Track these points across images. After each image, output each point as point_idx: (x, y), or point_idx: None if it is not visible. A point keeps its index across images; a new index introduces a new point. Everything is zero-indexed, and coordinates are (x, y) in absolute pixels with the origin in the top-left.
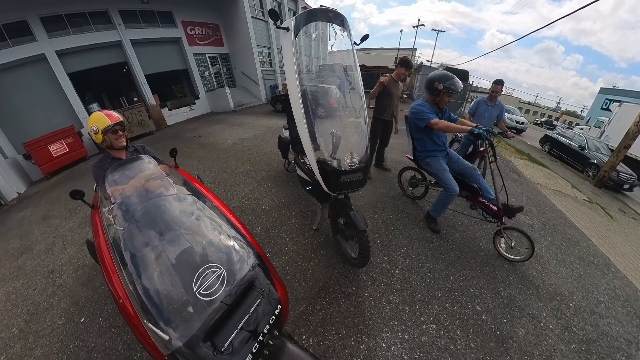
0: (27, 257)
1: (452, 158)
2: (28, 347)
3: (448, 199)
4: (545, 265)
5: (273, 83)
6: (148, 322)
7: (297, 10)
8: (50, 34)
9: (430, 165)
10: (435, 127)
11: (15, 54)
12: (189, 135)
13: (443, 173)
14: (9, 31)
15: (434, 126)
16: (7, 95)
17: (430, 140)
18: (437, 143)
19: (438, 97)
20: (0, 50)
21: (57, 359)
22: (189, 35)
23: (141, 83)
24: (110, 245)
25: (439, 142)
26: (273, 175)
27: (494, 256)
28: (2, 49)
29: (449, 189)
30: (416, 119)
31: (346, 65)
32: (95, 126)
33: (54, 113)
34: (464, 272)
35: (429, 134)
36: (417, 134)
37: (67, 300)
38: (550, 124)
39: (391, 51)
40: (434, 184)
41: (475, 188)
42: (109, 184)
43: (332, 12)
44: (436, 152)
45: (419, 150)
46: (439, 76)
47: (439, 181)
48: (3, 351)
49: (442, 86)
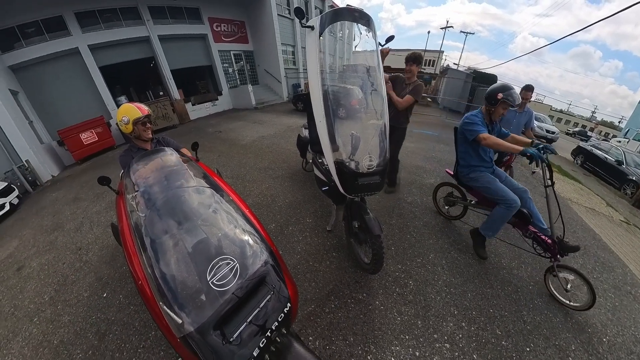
0: (59, 234)
1: (499, 176)
2: (57, 313)
3: (507, 214)
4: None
5: (295, 82)
6: (163, 304)
7: (324, 9)
8: (83, 29)
9: (476, 180)
10: (482, 142)
11: (52, 48)
12: (210, 130)
13: (495, 185)
14: (46, 26)
15: (481, 141)
16: (45, 86)
17: (476, 154)
18: (483, 158)
19: (493, 108)
20: (39, 44)
21: (81, 327)
22: (214, 31)
23: (167, 78)
24: (133, 230)
25: (485, 157)
26: (290, 174)
27: (517, 275)
28: (41, 43)
29: (507, 202)
30: (465, 130)
31: (369, 66)
32: (127, 117)
33: (86, 104)
34: (484, 290)
35: (475, 147)
36: (463, 147)
37: (92, 275)
38: (584, 135)
39: None
40: (475, 204)
41: (526, 214)
42: (133, 172)
43: (358, 11)
44: (481, 168)
45: (462, 165)
46: (499, 86)
47: (492, 195)
48: (36, 314)
49: (501, 95)
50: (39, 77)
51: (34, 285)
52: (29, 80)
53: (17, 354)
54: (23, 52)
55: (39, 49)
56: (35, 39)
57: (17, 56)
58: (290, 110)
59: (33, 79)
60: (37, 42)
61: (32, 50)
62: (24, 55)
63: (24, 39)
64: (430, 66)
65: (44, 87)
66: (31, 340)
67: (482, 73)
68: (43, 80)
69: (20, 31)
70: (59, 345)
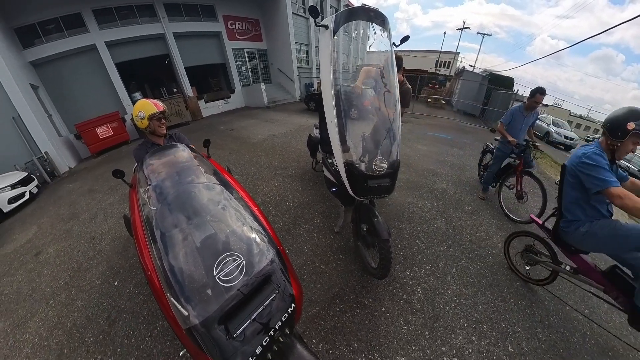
0: (74, 223)
1: None
2: (71, 298)
3: None
4: (594, 310)
5: (308, 81)
6: (171, 296)
7: (339, 8)
8: (100, 25)
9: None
10: (616, 202)
11: (70, 44)
12: (222, 128)
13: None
14: (65, 23)
15: (614, 200)
16: (63, 81)
17: (589, 206)
18: (599, 211)
19: (619, 143)
20: (58, 40)
21: (93, 312)
22: (229, 29)
23: (181, 75)
24: (144, 223)
25: (603, 210)
26: (300, 173)
27: (532, 290)
28: (60, 39)
29: None
30: (586, 175)
31: (383, 67)
32: (143, 112)
33: (102, 99)
34: (496, 303)
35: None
36: (573, 195)
37: (104, 264)
38: None
39: (432, 54)
40: (573, 272)
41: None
42: (146, 166)
43: (374, 11)
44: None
45: (568, 219)
46: (628, 112)
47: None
48: (52, 297)
49: (634, 126)
50: (58, 73)
51: (51, 270)
52: (48, 75)
53: (34, 333)
54: (43, 48)
55: (58, 45)
56: (55, 36)
57: (38, 52)
58: (302, 110)
59: (52, 74)
60: (56, 38)
61: (52, 46)
62: (43, 51)
63: (44, 35)
64: (445, 68)
65: (62, 82)
66: (47, 321)
67: (499, 75)
68: (62, 76)
69: (41, 28)
70: (72, 328)
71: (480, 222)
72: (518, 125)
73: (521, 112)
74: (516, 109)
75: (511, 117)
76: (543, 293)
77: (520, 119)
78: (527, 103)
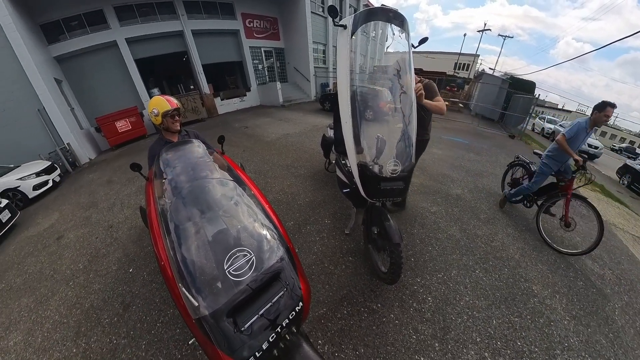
0: (93, 211)
1: None
2: (89, 281)
3: None
4: (619, 334)
5: (324, 81)
6: (182, 286)
7: (359, 8)
8: (121, 22)
9: None
10: None
11: (92, 40)
12: (237, 126)
13: None
14: (88, 19)
15: None
16: (85, 76)
17: None
18: None
19: None
20: (81, 37)
21: (109, 295)
22: (247, 27)
23: (198, 72)
24: (159, 215)
25: None
26: (312, 173)
27: (550, 307)
28: (82, 36)
29: None
30: None
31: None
32: (157, 109)
33: (121, 94)
34: (511, 319)
35: None
36: None
37: (120, 252)
38: (632, 152)
39: (451, 56)
40: None
41: None
42: (162, 161)
43: (393, 12)
44: None
45: None
46: None
47: None
48: (71, 279)
49: None
50: (80, 68)
51: (71, 254)
52: (71, 70)
53: (54, 311)
54: (67, 44)
55: (81, 41)
56: (78, 32)
57: (62, 48)
58: (317, 110)
59: (75, 69)
60: (80, 34)
61: (75, 42)
62: (67, 47)
63: (68, 31)
64: (464, 70)
65: (84, 77)
66: (66, 301)
67: (520, 79)
68: (84, 71)
69: (65, 24)
70: (89, 309)
71: (496, 231)
72: (578, 142)
73: (585, 128)
74: (582, 124)
75: (576, 132)
76: (563, 312)
77: (582, 135)
78: (593, 117)
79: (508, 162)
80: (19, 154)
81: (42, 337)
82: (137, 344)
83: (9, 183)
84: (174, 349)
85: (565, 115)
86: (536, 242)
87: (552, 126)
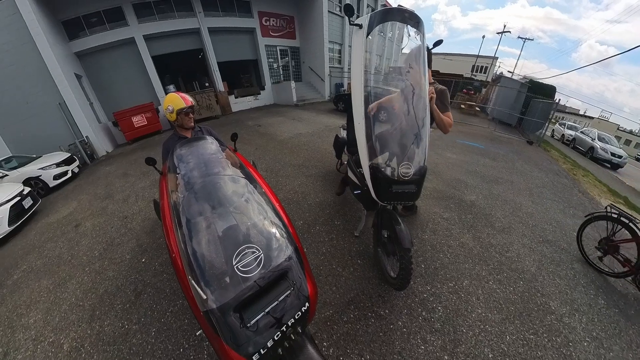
0: (109, 202)
1: None
2: (104, 268)
3: None
4: None
5: (339, 81)
6: (192, 279)
7: (376, 7)
8: (140, 19)
9: None
10: None
11: (111, 37)
12: (250, 124)
13: None
14: (107, 16)
15: None
16: (104, 72)
17: None
18: None
19: None
20: (100, 33)
21: (122, 282)
22: (263, 26)
23: (213, 70)
24: (171, 208)
25: None
26: (323, 173)
27: (568, 325)
28: (102, 32)
29: None
30: None
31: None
32: (172, 106)
33: (138, 90)
34: (526, 336)
35: None
36: None
37: (134, 242)
38: None
39: (469, 58)
40: None
41: None
42: (176, 156)
43: (409, 12)
44: None
45: None
46: None
47: None
48: (87, 265)
49: None
50: (99, 64)
51: (87, 242)
52: (91, 65)
53: (71, 294)
54: (87, 40)
55: (100, 37)
56: (98, 29)
57: (82, 44)
58: (330, 110)
59: (94, 65)
60: (99, 31)
61: (95, 38)
62: (87, 43)
63: (88, 28)
64: (481, 73)
65: (103, 72)
66: (82, 285)
67: (539, 83)
68: (102, 67)
69: (85, 21)
70: (104, 294)
71: (512, 241)
72: None
73: None
74: None
75: None
76: (583, 332)
77: None
78: None
79: (533, 175)
80: (40, 145)
81: (60, 317)
82: (147, 330)
83: (32, 172)
84: (181, 338)
85: (587, 122)
86: (554, 255)
87: (573, 133)
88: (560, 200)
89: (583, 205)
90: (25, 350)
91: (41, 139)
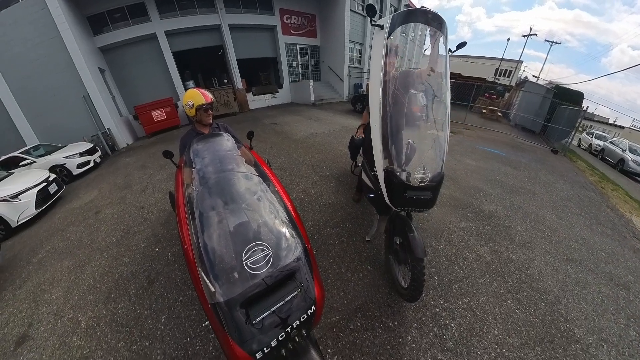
0: (127, 192)
1: None
2: (120, 254)
3: None
4: None
5: (358, 81)
6: (202, 271)
7: (400, 8)
8: (162, 15)
9: None
10: None
11: (134, 32)
12: (266, 122)
13: None
14: (130, 12)
15: None
16: (127, 66)
17: None
18: None
19: None
20: (124, 29)
21: (136, 268)
22: (284, 23)
23: (232, 67)
24: (186, 201)
25: None
26: (337, 175)
27: (595, 356)
28: (125, 27)
29: None
30: None
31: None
32: (192, 102)
33: (158, 85)
34: None
35: None
36: None
37: (149, 231)
38: None
39: (493, 61)
40: None
41: None
42: (192, 151)
43: (432, 14)
44: None
45: None
46: None
47: None
48: (105, 250)
49: None
50: (121, 58)
51: (106, 228)
52: (113, 60)
53: (90, 276)
54: (110, 35)
55: (123, 33)
56: (121, 24)
57: (106, 39)
58: (348, 111)
59: (117, 60)
60: (122, 26)
61: (118, 33)
62: (111, 38)
63: (112, 23)
64: (505, 77)
65: (125, 67)
66: (100, 268)
67: (566, 89)
68: (125, 61)
69: (109, 16)
70: (119, 279)
71: (533, 257)
72: None
73: None
74: None
75: None
76: None
77: None
78: None
79: (558, 186)
80: (65, 135)
81: (79, 297)
82: (157, 316)
83: (57, 160)
84: (189, 327)
85: (617, 132)
86: (579, 276)
87: (602, 143)
88: (587, 216)
89: (612, 222)
90: (47, 323)
91: (66, 129)
